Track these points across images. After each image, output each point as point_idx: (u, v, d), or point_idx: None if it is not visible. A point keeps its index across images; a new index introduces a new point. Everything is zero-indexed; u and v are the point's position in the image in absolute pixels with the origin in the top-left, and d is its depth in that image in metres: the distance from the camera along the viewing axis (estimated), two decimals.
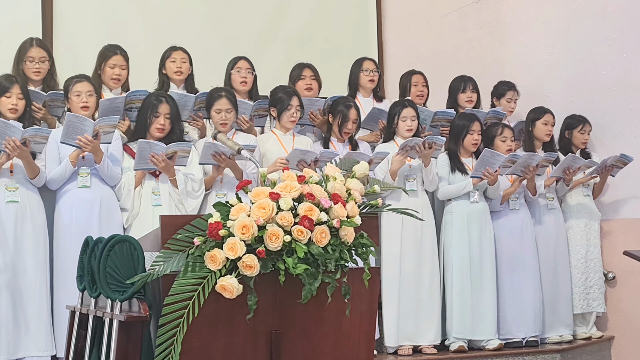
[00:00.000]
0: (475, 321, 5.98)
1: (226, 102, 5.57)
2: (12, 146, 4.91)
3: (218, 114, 5.56)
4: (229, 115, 5.57)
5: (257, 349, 3.14)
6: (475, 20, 7.87)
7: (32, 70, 5.61)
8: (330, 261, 3.10)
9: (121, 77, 5.82)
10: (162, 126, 5.40)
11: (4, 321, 4.99)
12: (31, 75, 5.62)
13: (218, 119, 5.56)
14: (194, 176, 5.44)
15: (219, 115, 5.56)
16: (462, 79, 6.75)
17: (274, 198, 3.07)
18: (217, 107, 5.56)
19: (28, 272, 5.08)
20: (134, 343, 3.18)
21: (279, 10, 7.88)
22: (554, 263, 6.43)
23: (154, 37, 7.06)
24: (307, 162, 5.43)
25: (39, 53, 5.64)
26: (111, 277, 3.32)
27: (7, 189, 5.10)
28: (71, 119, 5.07)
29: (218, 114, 5.56)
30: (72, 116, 5.09)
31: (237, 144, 4.26)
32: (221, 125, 5.55)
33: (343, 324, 3.27)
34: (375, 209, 3.38)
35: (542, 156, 6.23)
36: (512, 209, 6.26)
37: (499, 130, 6.28)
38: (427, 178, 5.98)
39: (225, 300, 3.00)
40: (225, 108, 5.56)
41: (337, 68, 6.96)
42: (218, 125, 5.57)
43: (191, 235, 3.07)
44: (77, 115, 5.11)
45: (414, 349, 5.92)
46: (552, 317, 6.35)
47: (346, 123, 5.92)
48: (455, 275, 6.00)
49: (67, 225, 5.19)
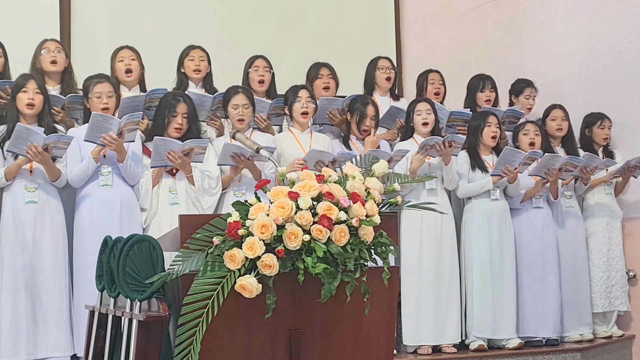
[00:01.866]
0: (495, 320, 5.95)
1: (243, 98, 5.57)
2: (34, 152, 4.94)
3: (235, 109, 5.56)
4: (246, 111, 5.57)
5: (277, 349, 3.14)
6: (494, 18, 7.83)
7: (49, 59, 5.66)
8: (349, 260, 3.08)
9: (132, 67, 5.82)
10: (179, 126, 5.40)
11: (23, 321, 5.02)
12: (48, 66, 5.65)
13: (235, 115, 5.56)
14: (210, 173, 5.44)
15: (236, 111, 5.55)
16: (481, 77, 6.73)
17: (293, 197, 3.06)
18: (234, 103, 5.56)
19: (47, 272, 5.10)
20: (153, 343, 3.18)
21: (296, 9, 7.88)
22: (573, 262, 6.39)
23: (172, 37, 7.08)
24: (325, 163, 5.42)
25: (53, 44, 5.73)
26: (130, 276, 3.31)
27: (26, 189, 5.12)
28: (96, 117, 5.08)
29: (235, 109, 5.56)
30: (98, 115, 5.10)
31: (256, 143, 4.25)
32: (238, 122, 5.55)
33: (362, 323, 3.25)
34: (395, 206, 3.36)
35: (566, 159, 6.19)
36: (534, 207, 6.22)
37: (520, 125, 6.34)
38: (447, 177, 5.95)
39: (245, 299, 2.99)
40: (242, 103, 5.56)
41: (355, 67, 6.95)
42: (235, 121, 5.57)
43: (210, 234, 3.07)
44: (102, 115, 5.12)
45: (434, 348, 5.90)
46: (572, 316, 6.31)
47: (364, 120, 5.90)
48: (475, 273, 5.97)
49: (88, 225, 5.21)
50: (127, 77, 5.85)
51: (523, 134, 6.27)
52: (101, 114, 5.14)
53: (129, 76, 5.85)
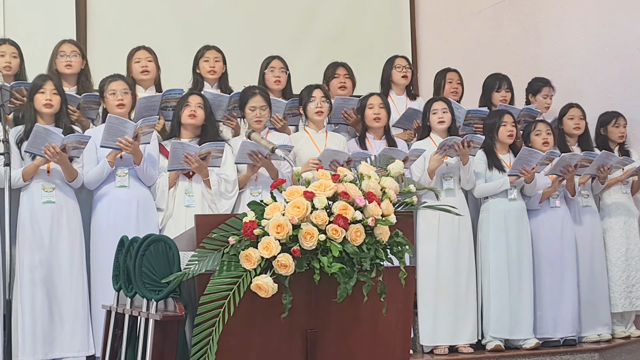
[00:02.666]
0: (512, 320, 5.92)
1: (260, 100, 5.58)
2: (52, 152, 4.96)
3: (252, 111, 5.57)
4: (263, 113, 5.58)
5: (293, 348, 3.13)
6: (510, 16, 7.80)
7: (64, 63, 5.70)
8: (365, 260, 3.08)
9: (148, 68, 5.84)
10: (193, 112, 5.40)
11: (40, 321, 5.04)
12: (63, 69, 5.68)
13: (252, 117, 5.56)
14: (227, 177, 5.45)
15: (254, 113, 5.56)
16: (497, 77, 6.71)
17: (309, 197, 3.06)
18: (252, 105, 5.57)
19: (64, 273, 5.13)
20: (170, 342, 3.18)
21: (312, 9, 7.89)
22: (591, 261, 6.35)
23: (187, 37, 7.10)
24: (340, 162, 5.41)
25: (70, 47, 5.75)
26: (147, 276, 3.32)
27: (43, 189, 5.14)
28: (112, 120, 5.09)
29: (252, 111, 5.57)
30: (113, 118, 5.11)
31: (272, 143, 4.25)
32: (255, 123, 5.55)
33: (379, 323, 3.25)
34: (411, 207, 3.35)
35: (581, 155, 6.16)
36: (552, 207, 6.20)
37: (532, 125, 6.29)
38: (465, 177, 5.93)
39: (261, 299, 2.99)
40: (259, 105, 5.56)
41: (371, 66, 6.94)
42: (252, 122, 5.57)
43: (226, 234, 3.07)
44: (117, 117, 5.13)
45: (450, 348, 5.88)
46: (590, 316, 6.27)
47: (372, 109, 5.89)
48: (492, 273, 5.95)
49: (105, 225, 5.23)
50: (144, 77, 5.86)
51: (535, 135, 6.22)
52: (117, 117, 5.15)
53: (146, 77, 5.87)
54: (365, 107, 5.91)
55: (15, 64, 5.64)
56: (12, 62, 5.63)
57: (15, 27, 6.80)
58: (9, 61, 5.60)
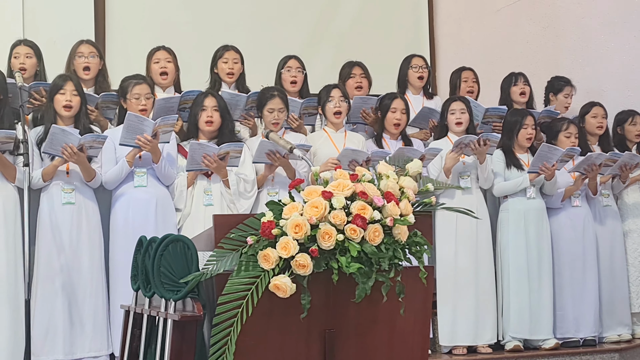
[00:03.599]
0: (532, 320, 5.89)
1: (279, 102, 5.58)
2: (69, 153, 4.98)
3: (271, 113, 5.56)
4: (281, 115, 5.58)
5: (311, 349, 3.13)
6: (528, 15, 7.77)
7: (82, 65, 5.69)
8: (383, 260, 3.07)
9: (168, 69, 5.84)
10: (210, 118, 5.41)
11: (61, 322, 5.06)
12: (81, 73, 5.68)
13: (270, 119, 5.56)
14: (246, 176, 5.45)
15: (272, 115, 5.56)
16: (512, 74, 6.69)
17: (327, 197, 3.05)
18: (270, 107, 5.57)
19: (84, 273, 5.14)
20: (188, 342, 3.19)
21: (328, 8, 7.89)
22: (611, 261, 6.31)
23: (205, 37, 7.11)
24: (359, 162, 5.40)
25: (88, 49, 5.74)
26: (165, 276, 3.33)
27: (63, 190, 5.16)
28: (131, 118, 5.10)
29: (271, 113, 5.56)
30: (133, 116, 5.12)
31: (290, 143, 4.25)
32: (273, 125, 5.55)
33: (397, 323, 3.23)
34: (429, 207, 3.34)
35: (607, 155, 6.12)
36: (574, 206, 6.16)
37: (564, 125, 6.22)
38: (482, 175, 5.91)
39: (279, 299, 2.99)
40: (278, 107, 5.56)
41: (389, 66, 6.91)
42: (270, 124, 5.57)
43: (244, 234, 3.07)
44: (137, 115, 5.14)
45: (469, 348, 5.85)
46: (610, 316, 6.24)
47: (394, 113, 5.87)
48: (512, 273, 5.92)
49: (123, 225, 5.24)
50: (163, 79, 5.87)
51: (565, 136, 6.17)
52: (135, 114, 5.16)
53: (164, 79, 5.87)
54: (388, 109, 5.89)
55: (30, 64, 5.61)
56: (27, 62, 5.60)
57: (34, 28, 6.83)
58: (23, 62, 5.59)
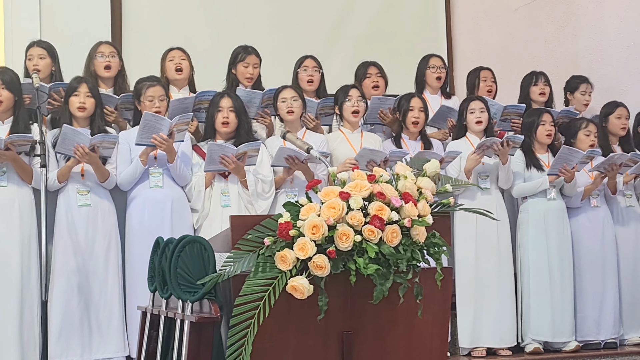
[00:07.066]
0: (553, 322, 5.84)
1: (291, 90, 5.60)
2: (81, 153, 4.99)
3: (284, 102, 5.57)
4: (295, 103, 5.56)
5: (328, 350, 3.11)
6: (547, 13, 7.72)
7: (103, 64, 5.70)
8: (401, 261, 3.05)
9: (182, 66, 5.83)
10: (226, 119, 5.40)
11: (77, 323, 5.06)
12: (102, 71, 5.69)
13: (284, 108, 5.56)
14: (264, 177, 5.44)
15: (285, 104, 5.56)
16: (533, 73, 6.65)
17: (344, 197, 3.04)
18: (283, 97, 5.58)
19: (100, 275, 5.14)
20: (205, 344, 3.18)
21: (346, 8, 7.88)
22: (633, 262, 6.25)
23: (221, 37, 7.11)
24: (377, 162, 5.38)
25: (108, 48, 5.76)
26: (182, 277, 3.32)
27: (78, 192, 5.17)
28: (148, 117, 5.11)
29: (284, 102, 5.57)
30: (149, 115, 5.13)
31: (307, 143, 4.24)
32: (288, 114, 5.54)
33: (415, 325, 3.22)
34: (448, 207, 3.32)
35: (629, 156, 6.07)
36: (592, 207, 6.11)
37: (583, 124, 6.18)
38: (504, 176, 5.86)
39: (296, 300, 2.98)
40: (290, 96, 5.57)
41: (407, 66, 6.89)
42: (285, 114, 5.56)
43: (261, 235, 3.06)
44: (154, 115, 5.15)
45: (488, 350, 5.81)
46: (631, 317, 6.17)
47: (412, 112, 5.85)
48: (532, 275, 5.87)
49: (139, 226, 5.24)
50: (178, 75, 5.85)
51: (585, 134, 6.12)
52: (153, 114, 5.16)
53: (180, 74, 5.85)
54: (407, 109, 5.87)
55: (43, 65, 5.60)
56: (40, 63, 5.59)
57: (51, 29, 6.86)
58: (36, 64, 5.59)
